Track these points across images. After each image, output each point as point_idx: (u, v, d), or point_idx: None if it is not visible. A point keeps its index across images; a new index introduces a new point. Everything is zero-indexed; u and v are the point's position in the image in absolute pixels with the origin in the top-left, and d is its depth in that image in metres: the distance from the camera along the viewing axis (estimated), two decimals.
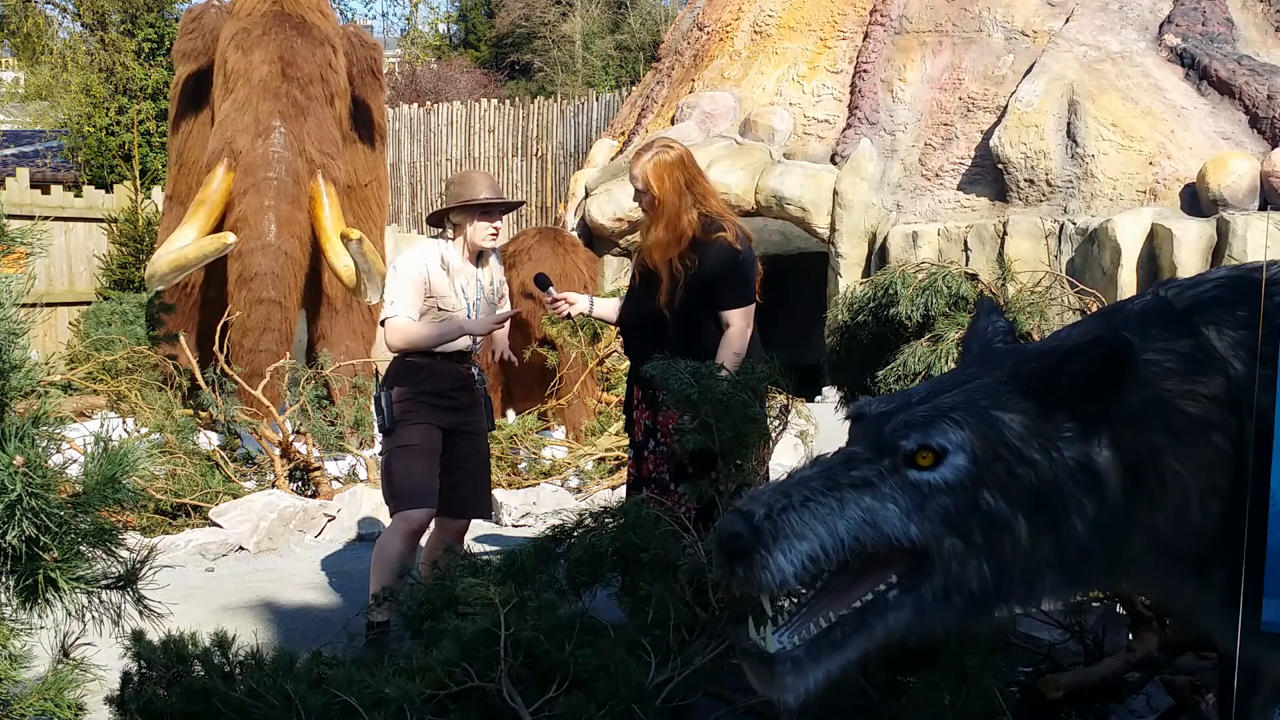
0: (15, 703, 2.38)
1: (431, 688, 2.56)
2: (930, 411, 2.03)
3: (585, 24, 24.67)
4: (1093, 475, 2.03)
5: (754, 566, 1.87)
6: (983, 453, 1.99)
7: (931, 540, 1.96)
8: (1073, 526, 2.02)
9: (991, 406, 2.04)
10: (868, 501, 1.94)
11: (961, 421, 2.01)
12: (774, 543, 1.87)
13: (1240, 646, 2.02)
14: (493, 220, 4.01)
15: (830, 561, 1.90)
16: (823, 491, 1.94)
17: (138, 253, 11.55)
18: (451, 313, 3.99)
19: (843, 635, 1.97)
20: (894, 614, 1.98)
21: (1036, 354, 2.17)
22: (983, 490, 1.98)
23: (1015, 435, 2.02)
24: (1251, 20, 10.68)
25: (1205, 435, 2.08)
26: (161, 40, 16.32)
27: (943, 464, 1.98)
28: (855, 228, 10.38)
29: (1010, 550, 2.00)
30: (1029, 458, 2.01)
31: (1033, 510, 2.00)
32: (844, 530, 1.91)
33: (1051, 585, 2.10)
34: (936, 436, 1.99)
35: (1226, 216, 8.62)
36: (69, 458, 3.28)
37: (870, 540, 1.93)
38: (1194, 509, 2.10)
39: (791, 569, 1.87)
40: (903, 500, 1.96)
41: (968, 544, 1.97)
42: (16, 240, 2.46)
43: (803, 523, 1.89)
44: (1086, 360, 2.01)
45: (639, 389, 3.82)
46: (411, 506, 3.91)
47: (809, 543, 1.88)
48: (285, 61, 7.73)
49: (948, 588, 1.98)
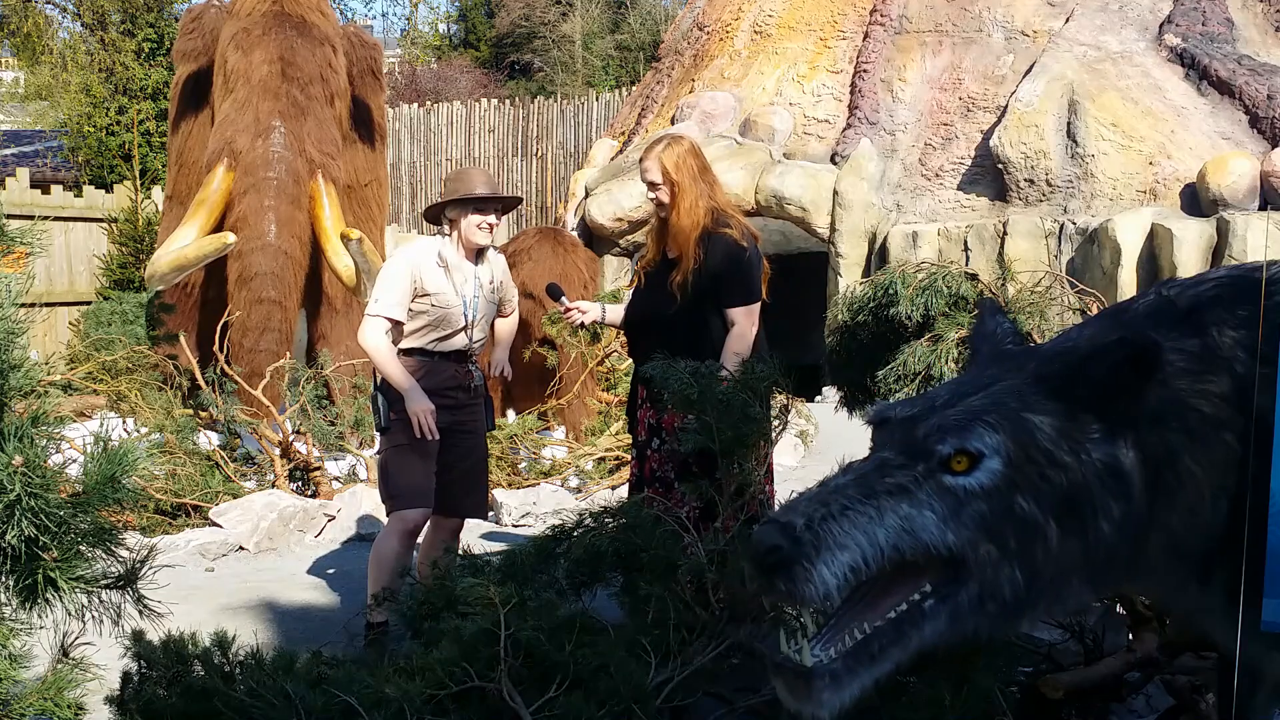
0: (15, 702, 2.38)
1: (431, 688, 2.56)
2: (963, 415, 1.99)
3: (585, 24, 24.67)
4: (1119, 477, 2.01)
5: (796, 579, 1.80)
6: (1017, 456, 1.95)
7: (968, 547, 1.91)
8: (1100, 529, 2.00)
9: (1021, 409, 2.00)
10: (905, 509, 1.89)
11: (996, 425, 1.97)
12: (817, 554, 1.81)
13: (1240, 646, 2.02)
14: (486, 215, 3.98)
15: (870, 572, 1.85)
16: (860, 500, 1.88)
17: (138, 253, 11.56)
18: (447, 310, 3.98)
19: (880, 648, 1.92)
20: (930, 624, 1.94)
21: (1057, 355, 2.14)
22: (1016, 494, 1.95)
23: (1046, 438, 1.98)
24: (1251, 20, 10.68)
25: (1218, 434, 2.08)
26: (161, 40, 16.32)
27: (978, 468, 1.94)
28: (855, 228, 10.38)
29: (1042, 555, 1.96)
30: (1060, 460, 1.98)
31: (1063, 514, 1.97)
32: (884, 539, 1.86)
33: (1079, 589, 2.07)
34: (973, 440, 1.95)
35: (1226, 216, 8.62)
36: (69, 458, 3.28)
37: (909, 549, 1.88)
38: (1206, 508, 2.09)
39: (835, 581, 1.81)
40: (939, 507, 1.91)
41: (1002, 550, 1.94)
42: (16, 240, 2.46)
43: (844, 532, 1.83)
44: (1113, 361, 1.98)
45: (643, 388, 3.82)
46: (408, 506, 3.91)
47: (850, 553, 1.83)
48: (285, 61, 7.73)
49: (982, 595, 1.94)
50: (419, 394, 3.87)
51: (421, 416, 3.85)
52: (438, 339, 4.00)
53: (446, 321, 3.99)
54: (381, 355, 3.90)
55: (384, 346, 3.91)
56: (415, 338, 4.00)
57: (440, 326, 3.99)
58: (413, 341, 4.00)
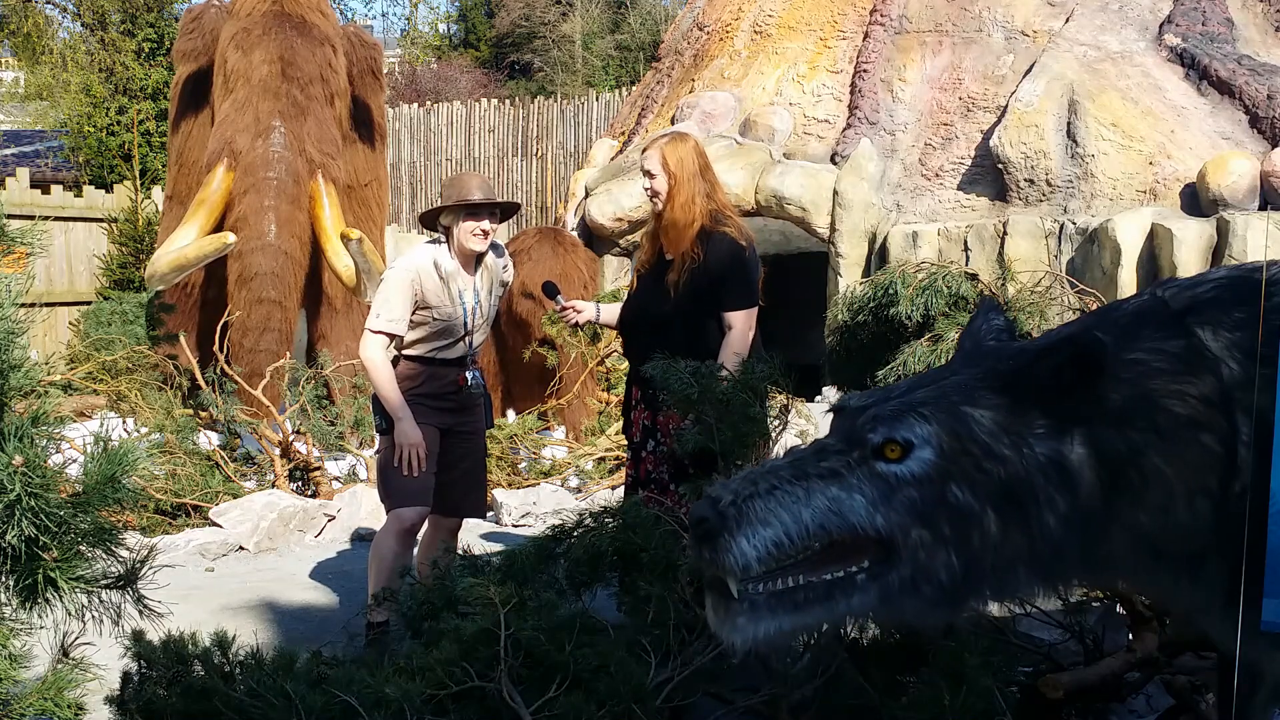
0: (15, 702, 2.38)
1: (431, 688, 2.56)
2: (899, 406, 2.08)
3: (585, 24, 24.67)
4: (1064, 471, 2.06)
5: (719, 549, 1.94)
6: (950, 447, 2.04)
7: (898, 530, 2.00)
8: (1045, 521, 2.05)
9: (962, 402, 2.08)
10: (834, 491, 2.00)
11: (929, 416, 2.05)
12: (737, 528, 1.94)
13: (1240, 646, 2.02)
14: (480, 221, 3.91)
15: (795, 547, 1.96)
16: (790, 480, 2.00)
17: (138, 253, 11.55)
18: (447, 321, 3.96)
19: (805, 598, 2.01)
20: (859, 596, 2.03)
21: (1016, 352, 2.20)
22: (950, 483, 2.03)
23: (984, 430, 2.06)
24: (1251, 20, 10.68)
25: (1193, 435, 2.10)
26: (161, 40, 16.33)
27: (909, 457, 2.03)
28: (855, 228, 10.37)
29: (979, 543, 2.04)
30: (998, 453, 2.05)
31: (1002, 504, 2.04)
32: (809, 518, 1.97)
33: (1026, 580, 2.13)
34: (902, 430, 2.04)
35: (1226, 216, 8.62)
36: (69, 458, 3.29)
37: (836, 528, 1.99)
38: (1180, 508, 2.11)
39: (755, 553, 1.93)
40: (870, 491, 2.01)
41: (935, 536, 2.02)
42: (16, 240, 2.46)
43: (767, 509, 1.96)
44: (1056, 360, 2.05)
45: (638, 389, 3.82)
46: (406, 505, 3.91)
47: (773, 529, 1.95)
48: (285, 61, 7.73)
49: (915, 577, 2.02)
50: (411, 425, 3.87)
51: (409, 451, 3.85)
52: (438, 347, 4.01)
53: (447, 331, 3.99)
54: (379, 375, 3.89)
55: (382, 365, 3.89)
56: (416, 347, 4.00)
57: (441, 336, 3.99)
58: (413, 350, 4.00)
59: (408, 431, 3.86)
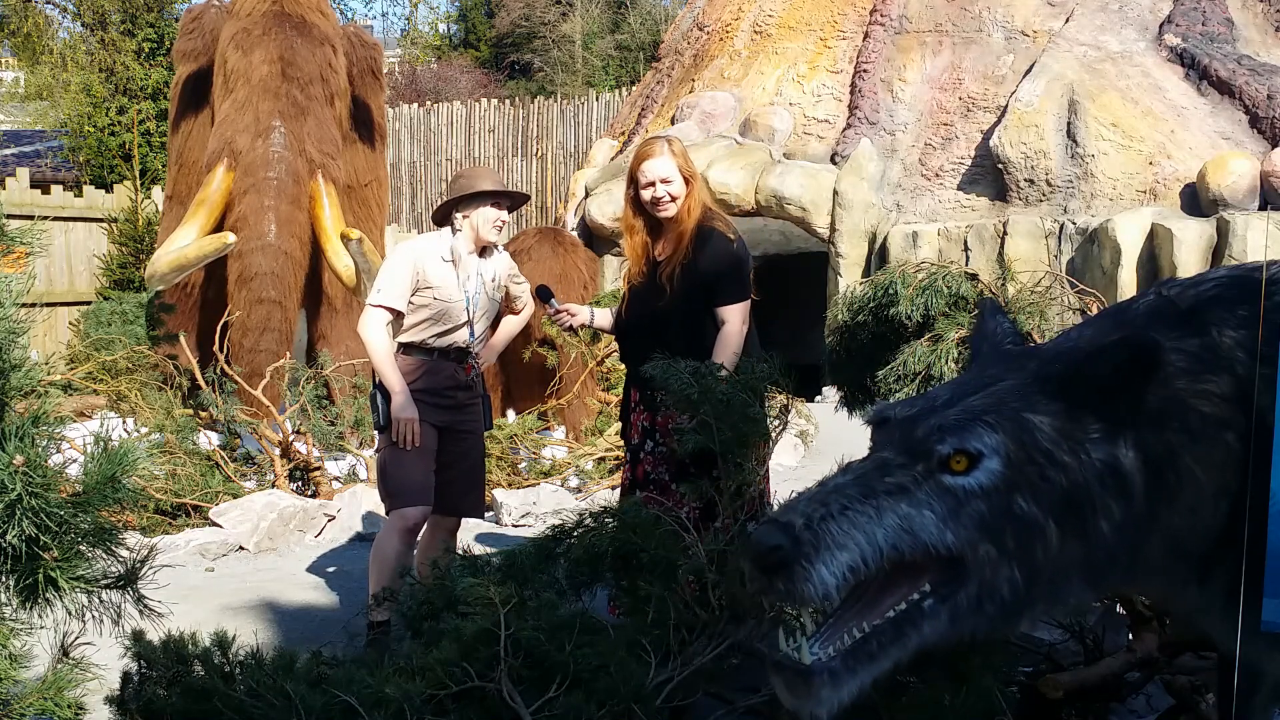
0: (15, 702, 2.38)
1: (431, 688, 2.56)
2: (963, 415, 1.98)
3: (585, 24, 24.68)
4: (1119, 477, 2.00)
5: (795, 579, 1.80)
6: (1016, 456, 1.95)
7: (967, 547, 1.91)
8: (1100, 529, 1.99)
9: (1022, 409, 2.00)
10: (904, 509, 1.89)
11: (995, 424, 1.96)
12: (815, 554, 1.81)
13: (1240, 646, 2.02)
14: (501, 210, 4.01)
15: (869, 571, 1.85)
16: (859, 499, 1.88)
17: (138, 253, 11.56)
18: (448, 304, 3.98)
19: (878, 646, 1.92)
20: (929, 624, 1.94)
21: (1058, 355, 2.14)
22: (1016, 494, 1.94)
23: (1046, 438, 1.98)
24: (1251, 20, 10.68)
25: (1219, 434, 2.07)
26: (161, 40, 16.34)
27: (977, 468, 1.94)
28: (855, 228, 10.38)
29: (1041, 555, 1.96)
30: (1060, 460, 1.97)
31: (1063, 514, 1.97)
32: (883, 539, 1.86)
33: (1078, 589, 2.07)
34: (972, 440, 1.94)
35: (1226, 216, 8.62)
36: (69, 457, 3.28)
37: (908, 548, 1.88)
38: (1206, 508, 2.09)
39: (834, 580, 1.81)
40: (939, 506, 1.91)
41: (1001, 550, 1.93)
42: (16, 240, 2.46)
43: (843, 532, 1.83)
44: (1114, 361, 1.98)
45: (636, 391, 3.82)
46: (407, 504, 3.91)
47: (849, 553, 1.83)
48: (285, 61, 7.73)
49: (981, 595, 1.94)
50: (407, 400, 3.87)
51: (404, 425, 3.85)
52: (438, 334, 4.00)
53: (447, 316, 3.99)
54: (378, 351, 3.90)
55: (382, 342, 3.91)
56: (415, 331, 3.99)
57: (441, 321, 3.98)
58: (412, 336, 4.00)
59: (404, 405, 3.86)
